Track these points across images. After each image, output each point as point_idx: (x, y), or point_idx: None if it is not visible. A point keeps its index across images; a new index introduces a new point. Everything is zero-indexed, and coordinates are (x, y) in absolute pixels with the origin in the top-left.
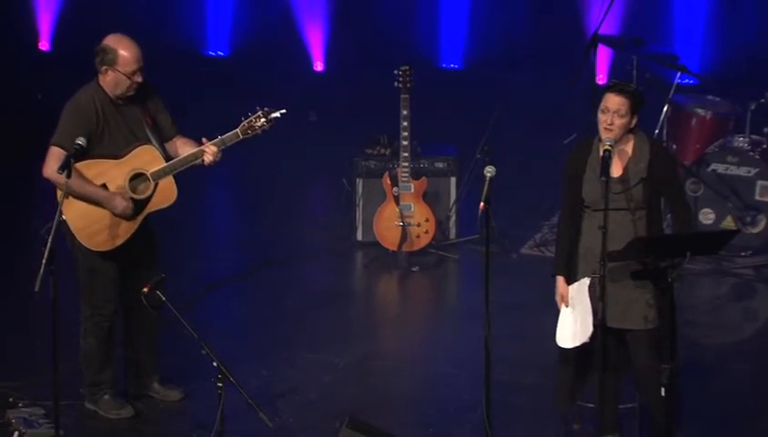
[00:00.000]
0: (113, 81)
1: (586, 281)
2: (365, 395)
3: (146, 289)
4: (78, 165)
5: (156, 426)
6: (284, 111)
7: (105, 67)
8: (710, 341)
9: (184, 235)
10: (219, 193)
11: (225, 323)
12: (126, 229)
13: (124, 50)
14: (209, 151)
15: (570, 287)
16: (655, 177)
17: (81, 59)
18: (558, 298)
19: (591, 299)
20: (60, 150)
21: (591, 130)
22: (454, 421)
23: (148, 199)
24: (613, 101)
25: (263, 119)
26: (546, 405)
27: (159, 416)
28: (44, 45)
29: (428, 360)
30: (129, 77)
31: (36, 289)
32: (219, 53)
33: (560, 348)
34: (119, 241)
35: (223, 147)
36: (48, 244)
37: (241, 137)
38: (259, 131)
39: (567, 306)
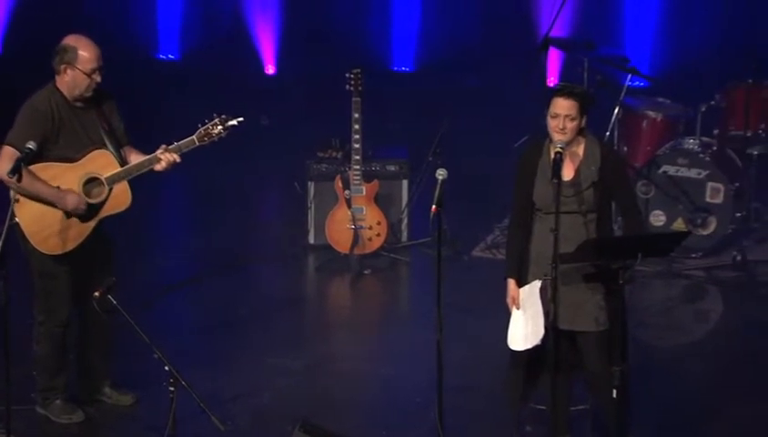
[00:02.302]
0: (71, 80)
1: (537, 284)
2: (318, 398)
3: (97, 294)
4: (32, 167)
5: (107, 431)
6: (241, 119)
7: (64, 66)
8: (662, 343)
9: (137, 239)
10: (171, 197)
11: (177, 327)
12: (80, 233)
13: (83, 49)
14: (165, 158)
15: (521, 289)
16: (606, 181)
17: (32, 62)
18: (509, 300)
19: (543, 302)
20: (14, 150)
21: (542, 133)
22: (408, 424)
23: (102, 204)
24: (562, 105)
25: (220, 127)
26: (499, 407)
27: (111, 421)
28: None
29: (380, 363)
30: (89, 76)
31: None
32: (170, 56)
33: (512, 350)
34: (72, 245)
35: (179, 153)
36: None
37: (198, 144)
38: (216, 138)
39: (518, 309)
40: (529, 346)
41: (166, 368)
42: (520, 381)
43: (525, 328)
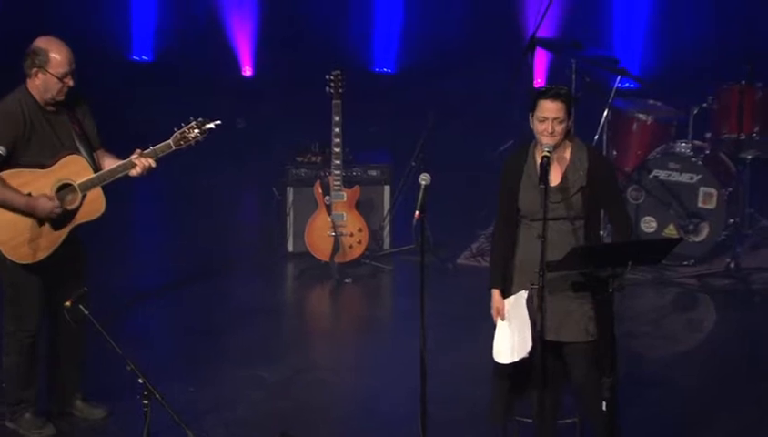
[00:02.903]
0: (42, 84)
1: (524, 294)
2: (297, 411)
3: (68, 303)
4: (2, 174)
5: None
6: (219, 122)
7: (35, 70)
8: (652, 353)
9: (111, 247)
10: (145, 203)
11: (151, 338)
12: (52, 242)
13: (55, 52)
14: (141, 163)
15: (507, 300)
16: (594, 186)
17: (2, 64)
18: (493, 312)
19: (530, 312)
20: None
21: (528, 136)
22: (389, 436)
23: (76, 211)
24: (550, 108)
25: (197, 130)
26: (484, 420)
27: (82, 435)
28: None
29: (361, 374)
30: (60, 80)
31: None
32: (144, 57)
33: (497, 362)
34: (44, 254)
35: (155, 158)
36: None
37: (174, 148)
38: (193, 142)
39: (503, 320)
40: (515, 359)
41: (140, 380)
42: (505, 392)
43: (511, 340)
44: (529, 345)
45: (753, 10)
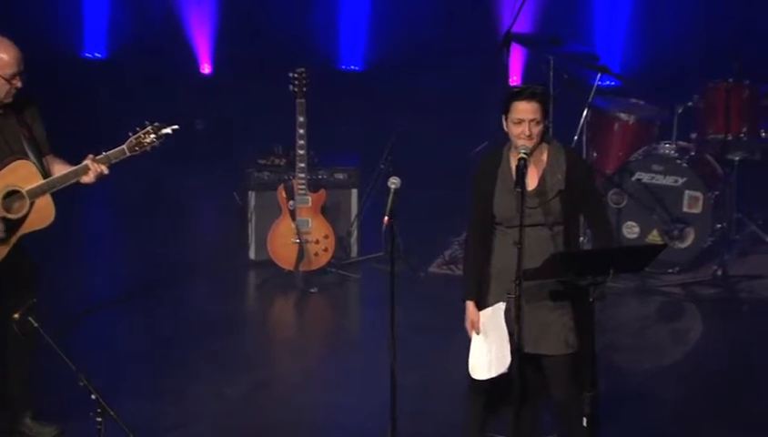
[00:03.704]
0: None
1: (501, 306)
2: (260, 428)
3: (16, 315)
4: None
5: None
6: (176, 127)
7: None
8: (635, 366)
9: (62, 256)
10: (98, 209)
11: (106, 352)
12: None
13: (2, 52)
14: (93, 170)
15: (483, 312)
16: (574, 189)
17: None
18: (468, 325)
19: (508, 324)
20: None
21: (504, 138)
22: None
23: (23, 219)
24: (526, 109)
25: (153, 136)
26: (456, 435)
27: None
28: None
29: (328, 389)
30: (8, 81)
31: None
32: (97, 55)
33: (473, 377)
34: None
35: (108, 164)
36: None
37: (128, 154)
38: (148, 148)
39: (478, 334)
40: (493, 375)
41: (93, 396)
42: (480, 408)
43: (488, 355)
44: (507, 360)
45: (741, 3)
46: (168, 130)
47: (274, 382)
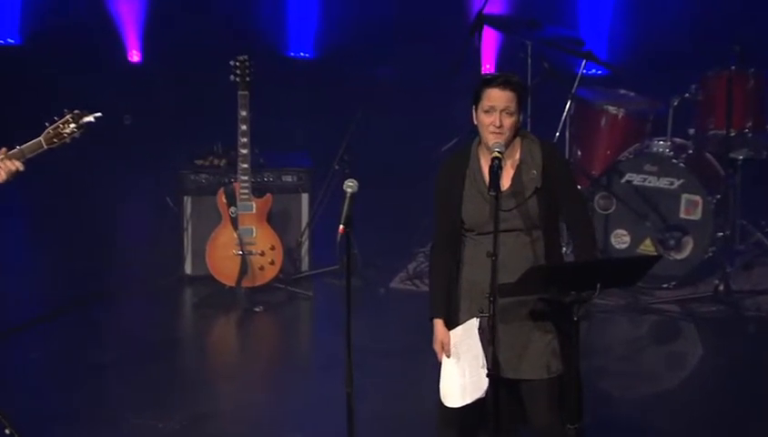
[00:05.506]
0: None
1: (474, 323)
2: None
3: None
4: None
5: None
6: (99, 115)
7: None
8: (626, 393)
9: None
10: (11, 215)
11: (23, 379)
12: None
13: None
14: (5, 167)
15: (453, 332)
16: (551, 187)
17: None
18: (437, 346)
19: (483, 344)
20: None
21: (474, 133)
22: None
23: None
24: (499, 97)
25: (72, 125)
26: None
27: None
28: None
29: (274, 422)
30: None
31: None
32: (10, 40)
33: (443, 406)
34: None
35: (23, 160)
36: None
37: (45, 147)
38: (68, 139)
39: (449, 356)
40: (468, 401)
41: (7, 431)
42: None
43: (462, 378)
44: (484, 384)
45: None
46: (90, 118)
47: (213, 415)
